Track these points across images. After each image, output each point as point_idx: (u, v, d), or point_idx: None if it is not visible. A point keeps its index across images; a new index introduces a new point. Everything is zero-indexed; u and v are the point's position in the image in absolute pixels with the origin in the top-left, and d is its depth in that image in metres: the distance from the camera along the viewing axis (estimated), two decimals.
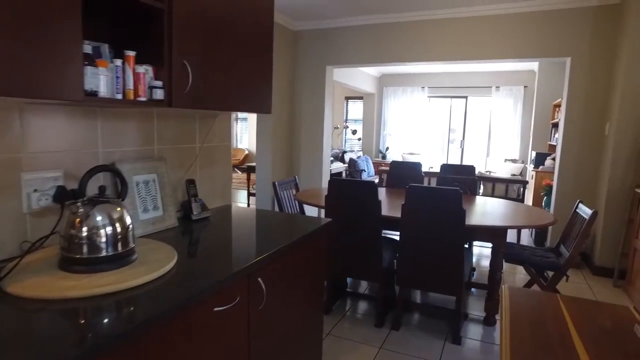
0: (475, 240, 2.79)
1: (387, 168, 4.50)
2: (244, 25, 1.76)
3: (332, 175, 6.23)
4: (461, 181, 3.81)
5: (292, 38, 5.56)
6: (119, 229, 1.21)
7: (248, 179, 6.39)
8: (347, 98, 10.19)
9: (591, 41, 4.11)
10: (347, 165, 7.65)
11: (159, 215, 1.71)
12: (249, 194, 6.43)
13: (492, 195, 4.86)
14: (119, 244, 1.20)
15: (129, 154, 1.67)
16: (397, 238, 2.79)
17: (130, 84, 1.27)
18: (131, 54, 1.28)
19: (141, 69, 1.29)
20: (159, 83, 1.35)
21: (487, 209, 3.11)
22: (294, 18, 5.33)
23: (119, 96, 1.24)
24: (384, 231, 3.41)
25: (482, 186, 4.99)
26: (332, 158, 6.64)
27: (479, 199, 3.55)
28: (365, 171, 7.63)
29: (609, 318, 1.38)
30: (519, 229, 4.72)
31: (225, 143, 2.24)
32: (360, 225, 2.70)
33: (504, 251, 2.77)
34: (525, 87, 7.90)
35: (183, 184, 1.92)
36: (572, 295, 1.63)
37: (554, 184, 4.47)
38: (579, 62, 4.19)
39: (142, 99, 1.31)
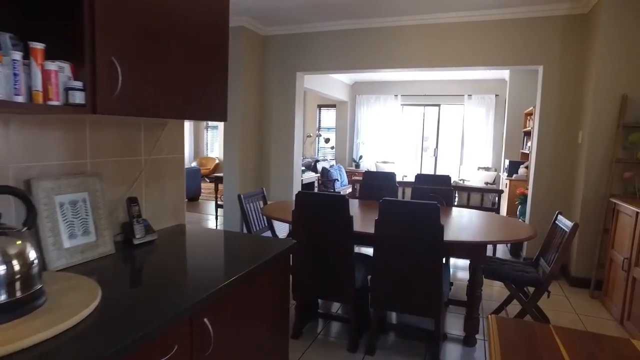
0: (452, 256, 2.63)
1: (361, 178, 4.33)
2: (192, 20, 1.53)
3: (303, 186, 6.01)
4: (437, 192, 3.66)
5: (261, 43, 5.35)
6: (17, 267, 0.94)
7: (216, 189, 6.09)
8: (320, 106, 10.03)
9: (562, 50, 4.08)
10: (319, 174, 7.46)
11: (90, 242, 1.44)
12: (217, 206, 6.12)
13: (468, 205, 4.75)
14: (17, 287, 0.94)
15: (52, 169, 1.40)
16: (371, 253, 2.59)
17: (38, 84, 1.02)
18: (38, 46, 1.03)
19: (52, 65, 1.04)
20: (78, 84, 1.10)
21: (464, 222, 2.96)
22: (263, 23, 5.12)
23: (20, 99, 0.98)
24: (356, 246, 3.21)
25: (457, 196, 4.88)
26: (303, 168, 6.43)
27: (455, 211, 3.40)
28: (338, 180, 7.46)
29: (612, 354, 1.21)
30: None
31: (177, 155, 1.98)
32: (330, 243, 2.48)
33: (483, 267, 2.61)
34: (496, 95, 7.95)
35: (124, 202, 1.66)
36: (559, 320, 1.46)
37: (529, 193, 4.40)
38: (550, 71, 4.15)
39: (55, 102, 1.06)
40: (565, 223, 2.69)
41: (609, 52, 3.58)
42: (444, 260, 2.45)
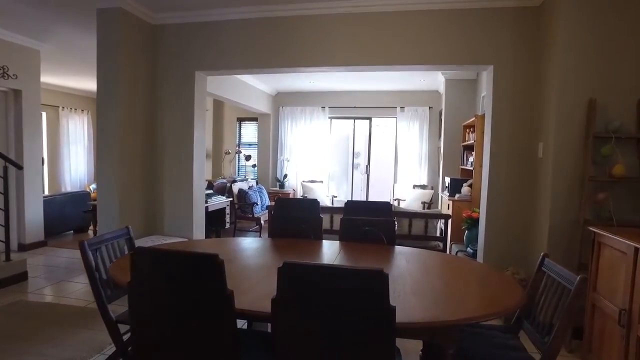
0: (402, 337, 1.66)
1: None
2: None
3: (209, 214, 4.82)
4: (374, 224, 2.71)
5: (150, 34, 4.16)
6: None
7: (94, 223, 4.69)
8: (240, 119, 8.91)
9: (515, 47, 3.42)
10: (236, 198, 6.30)
11: None
12: None
13: (409, 235, 3.89)
14: None
15: None
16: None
17: None
18: None
19: None
20: None
21: (416, 277, 2.00)
22: (152, 8, 3.96)
23: None
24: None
25: (395, 223, 4.00)
26: (211, 191, 5.25)
27: (401, 254, 2.46)
28: (257, 204, 6.35)
29: None
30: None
31: None
32: (195, 332, 1.38)
33: (453, 353, 1.65)
34: (430, 107, 7.39)
35: None
36: None
37: (481, 218, 3.64)
38: (502, 72, 3.45)
39: None
40: (560, 272, 1.84)
41: (570, 50, 2.93)
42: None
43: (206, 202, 4.75)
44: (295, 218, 2.85)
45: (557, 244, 3.00)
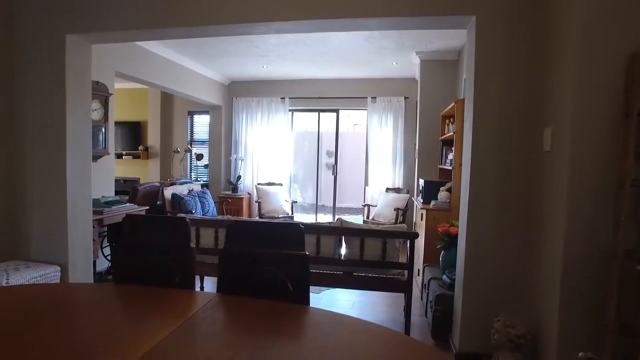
0: None
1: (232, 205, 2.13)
2: None
3: (108, 229, 3.64)
4: (279, 262, 1.58)
5: None
6: None
7: None
8: (191, 112, 7.72)
9: None
10: (165, 205, 5.13)
11: None
12: None
13: (361, 260, 2.77)
14: None
15: None
16: None
17: None
18: None
19: None
20: None
21: None
22: None
23: None
24: None
25: (343, 244, 2.87)
26: (113, 198, 4.04)
27: (307, 336, 1.32)
28: (194, 213, 5.18)
29: None
30: None
31: None
32: None
33: None
34: (406, 98, 6.29)
35: None
36: None
37: (460, 237, 2.53)
38: (489, 25, 2.36)
39: None
40: None
41: None
42: None
43: (101, 212, 3.56)
44: (152, 249, 1.71)
45: (578, 285, 1.90)
